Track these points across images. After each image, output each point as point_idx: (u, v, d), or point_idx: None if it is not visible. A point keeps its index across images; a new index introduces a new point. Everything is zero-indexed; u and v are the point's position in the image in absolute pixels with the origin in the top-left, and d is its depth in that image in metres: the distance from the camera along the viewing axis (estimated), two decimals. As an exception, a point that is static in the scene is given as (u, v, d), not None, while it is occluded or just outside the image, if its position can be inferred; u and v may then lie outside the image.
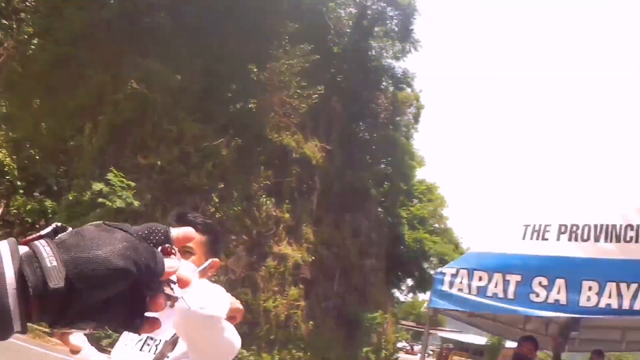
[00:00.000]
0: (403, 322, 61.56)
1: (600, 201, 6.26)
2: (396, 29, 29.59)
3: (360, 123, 30.38)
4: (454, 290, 6.46)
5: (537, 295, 5.92)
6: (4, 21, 17.15)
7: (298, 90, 20.44)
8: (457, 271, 6.53)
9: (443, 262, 35.60)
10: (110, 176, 15.21)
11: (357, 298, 26.04)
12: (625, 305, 5.55)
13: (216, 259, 2.12)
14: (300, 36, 20.96)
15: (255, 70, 18.92)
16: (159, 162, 16.63)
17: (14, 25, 17.13)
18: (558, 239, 6.13)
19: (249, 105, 18.72)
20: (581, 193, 6.61)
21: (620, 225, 5.90)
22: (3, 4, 17.19)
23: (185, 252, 2.29)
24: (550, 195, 7.01)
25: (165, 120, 17.16)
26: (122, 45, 17.65)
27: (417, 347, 63.89)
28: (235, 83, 18.54)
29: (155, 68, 16.84)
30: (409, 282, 41.56)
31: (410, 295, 48.50)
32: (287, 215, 21.10)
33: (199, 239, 2.42)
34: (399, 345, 43.24)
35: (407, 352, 55.67)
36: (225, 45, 19.21)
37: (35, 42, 17.06)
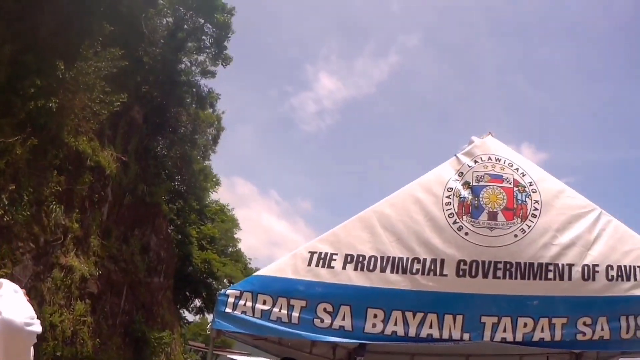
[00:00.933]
0: (192, 342, 61.02)
1: (387, 234, 6.49)
2: (209, 45, 29.46)
3: (159, 137, 29.79)
4: (237, 312, 6.38)
5: (322, 320, 6.06)
6: None
7: (101, 95, 19.42)
8: (241, 293, 6.46)
9: (232, 283, 35.52)
10: None
11: (145, 316, 25.22)
12: (412, 333, 5.92)
13: None
14: (114, 40, 20.03)
15: (62, 67, 17.74)
16: (-49, 156, 14.87)
17: None
18: (344, 268, 6.30)
19: (50, 104, 17.40)
20: (371, 226, 6.70)
21: (407, 258, 6.23)
22: None
23: None
24: (340, 227, 6.90)
25: None
26: None
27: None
28: (40, 78, 17.15)
29: None
30: (197, 302, 41.13)
31: (199, 315, 48.13)
32: (76, 225, 19.88)
33: None
34: (188, 366, 42.52)
35: (196, 374, 55.00)
36: (38, 36, 17.82)
37: None
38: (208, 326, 6.97)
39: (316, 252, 6.47)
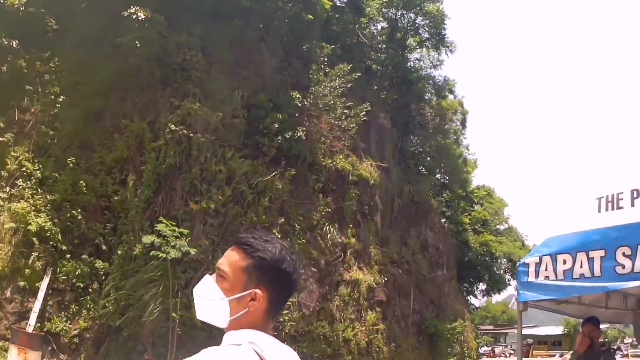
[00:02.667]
0: (481, 327, 60.03)
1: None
2: (429, 37, 28.47)
3: (411, 136, 29.23)
4: (540, 279, 5.96)
5: (623, 267, 5.36)
6: (27, 87, 16.03)
7: (345, 111, 19.22)
8: (540, 259, 5.99)
9: (511, 261, 34.39)
10: (160, 226, 13.72)
11: (435, 311, 24.60)
12: None
13: (257, 290, 1.87)
14: (337, 57, 19.97)
15: (298, 96, 17.75)
16: (212, 206, 15.28)
17: (39, 89, 16.13)
18: (633, 205, 5.62)
19: (298, 134, 17.46)
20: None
21: (691, 180, 5.25)
22: (25, 70, 16.19)
23: (218, 276, 1.93)
24: (617, 163, 5.75)
25: (212, 161, 16.03)
26: (156, 90, 16.68)
27: (497, 349, 62.16)
28: (280, 113, 17.38)
29: (194, 108, 15.79)
30: (481, 286, 39.94)
31: (484, 299, 46.85)
32: (352, 239, 19.78)
33: (237, 262, 1.91)
34: (481, 350, 41.38)
35: (489, 356, 54.09)
36: (263, 76, 18.25)
37: (61, 100, 15.99)
38: (511, 302, 6.36)
39: (603, 197, 5.91)
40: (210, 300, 1.93)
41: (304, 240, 17.40)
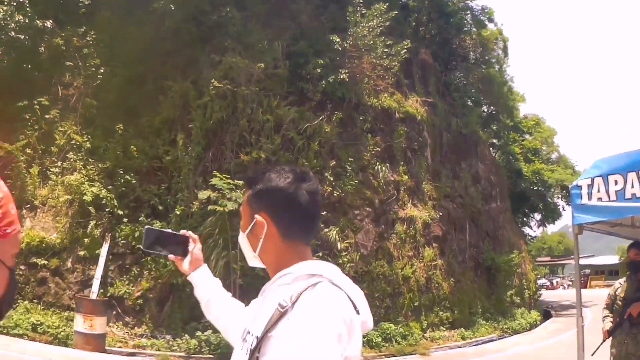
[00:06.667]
0: (537, 258, 59.20)
1: None
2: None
3: (454, 69, 28.67)
4: (593, 202, 5.89)
5: None
6: (67, 63, 16.44)
7: (385, 50, 19.08)
8: (592, 180, 5.92)
9: (564, 188, 33.68)
10: (214, 181, 13.85)
11: (492, 243, 24.53)
12: None
13: (256, 215, 1.88)
14: None
15: (337, 40, 17.73)
16: (263, 155, 15.50)
17: (79, 64, 16.50)
18: None
19: (341, 76, 17.51)
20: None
21: None
22: (63, 47, 16.56)
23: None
24: None
25: (259, 112, 16.18)
26: (195, 49, 16.90)
27: (555, 281, 61.73)
28: (321, 58, 17.42)
29: (235, 62, 15.87)
30: (536, 216, 39.40)
31: (540, 229, 46.10)
32: (405, 177, 19.82)
33: (245, 199, 2.01)
34: (539, 282, 41.02)
35: (547, 289, 53.61)
36: (300, 24, 18.39)
37: (102, 71, 16.29)
38: (568, 231, 6.24)
39: None
40: (241, 242, 2.01)
41: (356, 181, 17.49)
